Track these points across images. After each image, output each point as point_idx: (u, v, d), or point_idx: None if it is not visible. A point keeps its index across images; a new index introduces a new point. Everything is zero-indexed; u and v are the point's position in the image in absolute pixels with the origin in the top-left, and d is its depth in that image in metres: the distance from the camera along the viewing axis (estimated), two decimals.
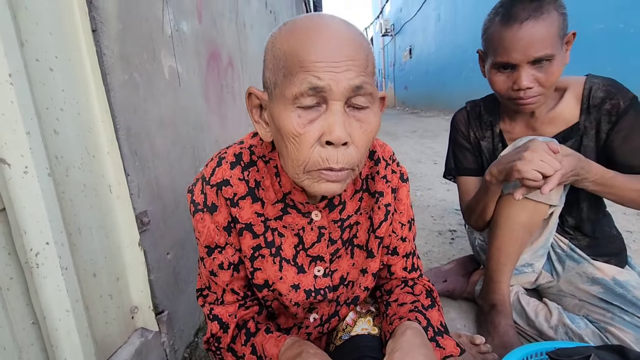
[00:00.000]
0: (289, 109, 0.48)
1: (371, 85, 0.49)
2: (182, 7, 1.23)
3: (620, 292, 0.91)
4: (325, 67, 0.45)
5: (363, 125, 0.50)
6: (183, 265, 1.11)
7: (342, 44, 0.46)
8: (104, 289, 0.77)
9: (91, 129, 0.75)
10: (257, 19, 2.77)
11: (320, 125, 0.48)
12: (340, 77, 0.45)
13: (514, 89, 0.89)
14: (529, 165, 0.77)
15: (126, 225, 0.83)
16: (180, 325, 1.06)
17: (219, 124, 1.60)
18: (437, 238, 1.78)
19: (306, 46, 0.46)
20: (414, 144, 5.05)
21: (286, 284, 0.64)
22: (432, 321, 0.64)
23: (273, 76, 0.50)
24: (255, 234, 0.62)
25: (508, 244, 0.96)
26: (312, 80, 0.45)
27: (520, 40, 0.83)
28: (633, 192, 0.87)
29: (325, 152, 0.48)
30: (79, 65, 0.73)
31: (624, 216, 1.82)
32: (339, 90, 0.46)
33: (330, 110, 0.47)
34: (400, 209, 0.71)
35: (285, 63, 0.47)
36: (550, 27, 0.82)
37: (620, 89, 0.90)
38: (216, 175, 0.60)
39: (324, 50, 0.45)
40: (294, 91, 0.46)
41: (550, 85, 0.87)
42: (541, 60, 0.84)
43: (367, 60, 0.49)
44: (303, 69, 0.46)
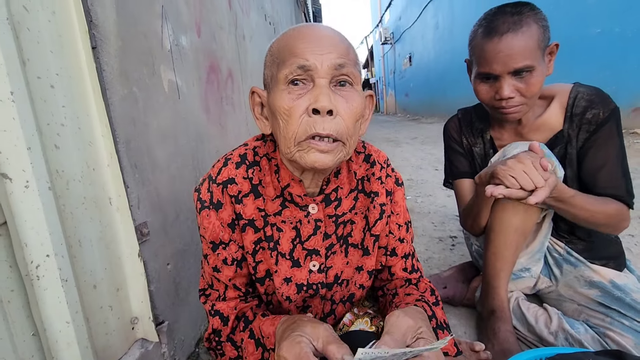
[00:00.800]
0: (281, 89, 0.55)
1: (352, 67, 0.56)
2: (181, 22, 1.26)
3: (619, 296, 0.90)
4: (311, 50, 0.54)
5: (348, 100, 0.56)
6: (183, 275, 1.12)
7: (326, 37, 0.56)
8: (104, 300, 0.78)
9: (91, 143, 0.77)
10: (257, 31, 2.82)
11: (307, 99, 0.55)
12: (324, 58, 0.54)
13: (496, 99, 0.91)
14: (507, 172, 0.77)
15: (126, 237, 0.84)
16: (181, 336, 1.06)
17: (219, 134, 1.62)
18: (437, 244, 1.78)
19: (296, 39, 0.56)
20: (415, 150, 5.06)
21: (279, 278, 0.67)
22: (437, 315, 0.67)
23: (270, 71, 0.59)
24: (257, 228, 0.66)
25: (503, 248, 0.96)
26: (300, 61, 0.53)
27: (500, 53, 0.85)
28: (586, 212, 0.88)
29: (312, 120, 0.54)
30: (80, 82, 0.75)
31: None
32: (323, 68, 0.54)
33: (317, 85, 0.54)
34: (396, 210, 0.74)
35: (279, 55, 0.57)
36: (529, 39, 0.84)
37: (602, 99, 0.91)
38: (222, 174, 0.65)
39: (310, 40, 0.55)
40: (285, 72, 0.54)
41: (532, 95, 0.89)
42: (521, 71, 0.86)
43: (348, 50, 0.57)
44: (292, 54, 0.54)
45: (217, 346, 0.67)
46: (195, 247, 1.22)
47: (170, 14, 1.18)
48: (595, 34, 4.62)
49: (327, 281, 0.70)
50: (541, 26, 0.87)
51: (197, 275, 1.20)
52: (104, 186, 0.80)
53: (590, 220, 0.90)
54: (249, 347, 0.62)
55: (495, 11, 0.90)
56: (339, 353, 0.46)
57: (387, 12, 18.83)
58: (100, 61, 0.79)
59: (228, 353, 0.65)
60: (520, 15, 0.85)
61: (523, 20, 0.85)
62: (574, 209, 0.87)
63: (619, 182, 0.92)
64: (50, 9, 0.69)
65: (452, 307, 1.24)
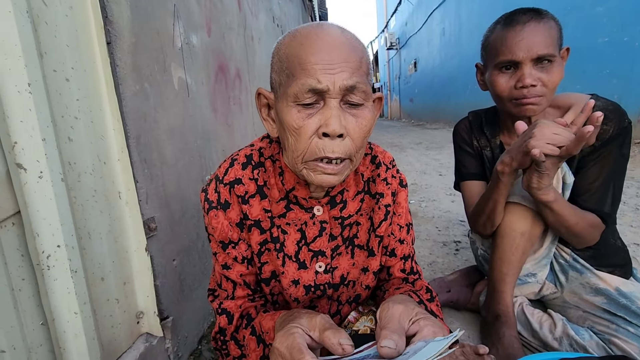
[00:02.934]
0: (290, 105, 0.53)
1: (364, 84, 0.53)
2: (192, 21, 1.28)
3: (624, 303, 0.90)
4: (322, 68, 0.50)
5: (358, 120, 0.54)
6: (188, 272, 1.12)
7: (337, 47, 0.52)
8: (111, 293, 0.79)
9: (103, 136, 0.78)
10: (265, 33, 2.84)
11: (318, 119, 0.53)
12: (336, 78, 0.51)
13: (517, 88, 0.91)
14: (542, 140, 0.77)
15: (134, 231, 0.85)
16: (185, 332, 1.06)
17: (226, 133, 1.63)
18: (441, 249, 1.78)
19: (305, 49, 0.52)
20: (420, 155, 5.06)
21: (287, 279, 0.67)
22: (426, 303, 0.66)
23: (278, 77, 0.56)
24: (263, 230, 0.66)
25: (509, 252, 0.96)
26: (312, 83, 0.50)
27: (523, 39, 0.87)
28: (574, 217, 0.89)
29: (322, 143, 0.53)
30: (94, 76, 0.76)
31: (630, 229, 1.80)
32: (334, 89, 0.51)
33: (327, 106, 0.52)
34: (398, 211, 0.74)
35: (288, 65, 0.53)
36: (551, 30, 0.87)
37: (617, 115, 0.91)
38: (229, 174, 0.65)
39: (321, 52, 0.51)
40: (295, 90, 0.52)
41: (553, 86, 0.89)
42: (543, 60, 0.87)
43: (361, 61, 0.54)
44: (304, 71, 0.51)
45: (222, 345, 0.67)
46: (200, 245, 1.23)
47: (182, 12, 1.19)
48: (604, 42, 4.62)
49: (333, 281, 0.70)
50: (558, 24, 0.90)
51: (201, 273, 1.21)
52: (114, 180, 0.81)
53: (571, 229, 0.91)
54: (250, 344, 0.62)
55: (513, 11, 0.92)
56: (335, 338, 0.45)
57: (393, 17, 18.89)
58: (114, 56, 0.80)
59: (232, 352, 0.65)
60: (539, 11, 0.89)
61: (543, 14, 0.88)
62: (565, 211, 0.88)
63: (605, 199, 0.93)
64: (68, 4, 0.70)
65: (455, 311, 1.23)
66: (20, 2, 0.58)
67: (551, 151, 0.76)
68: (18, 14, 0.57)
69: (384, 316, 0.50)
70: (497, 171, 0.91)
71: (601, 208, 0.93)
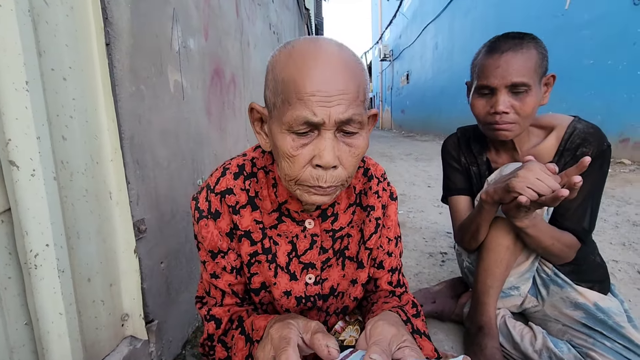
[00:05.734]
0: (285, 133, 0.52)
1: (360, 115, 0.52)
2: (190, 25, 1.29)
3: (602, 318, 0.93)
4: (319, 100, 0.49)
5: (352, 149, 0.54)
6: (176, 275, 1.11)
7: (335, 76, 0.49)
8: (97, 294, 0.78)
9: (97, 136, 0.78)
10: (261, 39, 2.86)
11: (311, 149, 0.52)
12: (332, 111, 0.49)
13: (490, 113, 0.95)
14: (523, 182, 0.79)
15: (123, 232, 0.84)
16: (169, 336, 1.05)
17: (219, 138, 1.64)
18: (428, 260, 1.80)
19: (302, 76, 0.49)
20: (409, 166, 5.12)
21: (279, 290, 0.68)
22: (412, 321, 0.67)
23: (272, 97, 0.54)
24: (253, 241, 0.66)
25: (494, 266, 0.99)
26: (307, 115, 0.49)
27: (499, 67, 0.91)
28: (550, 239, 0.92)
29: (315, 172, 0.53)
30: (91, 76, 0.76)
31: (610, 245, 1.86)
32: (330, 123, 0.50)
33: (322, 137, 0.51)
34: (388, 224, 0.75)
35: (283, 89, 0.51)
36: (527, 60, 0.90)
37: (597, 138, 0.94)
38: (220, 184, 0.65)
39: (318, 82, 0.49)
40: (289, 120, 0.50)
41: (525, 115, 0.92)
42: (517, 88, 0.91)
43: (359, 89, 0.52)
44: (299, 101, 0.49)
45: (210, 351, 0.67)
46: (188, 248, 1.22)
47: (181, 16, 1.20)
48: (589, 65, 4.79)
49: (323, 292, 0.71)
50: (540, 53, 0.92)
51: (188, 276, 1.20)
52: (106, 180, 0.81)
53: (549, 249, 0.94)
54: (239, 342, 0.62)
55: (499, 36, 0.96)
56: (324, 340, 0.47)
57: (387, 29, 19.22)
58: (112, 57, 0.81)
59: (218, 354, 0.65)
60: (521, 39, 0.92)
61: (524, 43, 0.91)
62: (542, 234, 0.91)
63: (583, 219, 0.97)
64: (68, 4, 0.70)
65: (440, 322, 1.25)
66: (22, 1, 0.58)
67: (530, 196, 0.78)
68: (20, 13, 0.57)
69: (376, 333, 0.52)
70: (482, 199, 0.95)
71: (579, 227, 0.97)
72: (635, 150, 4.09)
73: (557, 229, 0.96)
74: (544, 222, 0.94)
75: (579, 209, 0.96)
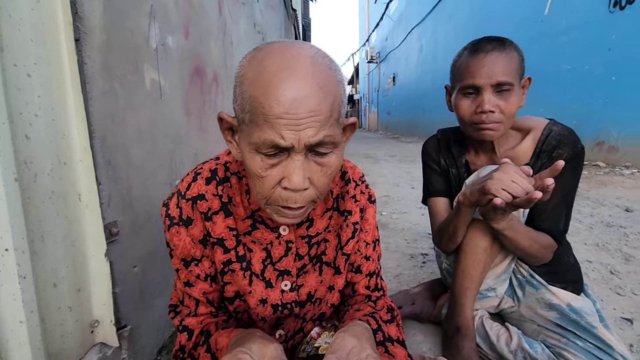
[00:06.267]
0: (253, 152, 0.49)
1: (333, 136, 0.49)
2: (169, 22, 1.26)
3: (575, 318, 0.95)
4: (287, 124, 0.45)
5: (324, 168, 0.52)
6: (151, 279, 1.08)
7: (305, 97, 0.45)
8: (63, 300, 0.75)
9: (65, 136, 0.75)
10: (245, 38, 2.83)
11: (280, 171, 0.50)
12: (302, 135, 0.46)
13: (476, 113, 0.96)
14: (498, 185, 0.80)
15: (93, 235, 0.81)
16: (143, 342, 1.02)
17: (199, 137, 1.60)
18: (409, 261, 1.81)
19: (269, 97, 0.45)
20: (393, 168, 5.16)
21: (254, 298, 0.66)
22: (385, 329, 0.66)
23: (240, 112, 0.50)
24: (227, 249, 0.64)
25: (471, 267, 1.00)
26: (275, 139, 0.46)
27: (484, 66, 0.92)
28: (527, 240, 0.94)
29: (285, 194, 0.51)
30: (59, 73, 0.73)
31: (584, 246, 1.91)
32: (299, 146, 0.47)
33: (291, 159, 0.48)
34: (366, 228, 0.74)
35: (251, 108, 0.47)
36: (511, 60, 0.92)
37: (571, 140, 0.97)
38: (192, 189, 0.62)
39: (286, 104, 0.44)
40: (256, 141, 0.47)
41: (509, 114, 0.94)
42: (502, 87, 0.92)
43: (332, 107, 0.48)
44: (266, 123, 0.46)
45: None
46: (165, 251, 1.18)
47: (159, 13, 1.17)
48: (566, 70, 4.94)
49: (300, 299, 0.69)
50: (520, 55, 0.95)
51: (163, 280, 1.17)
52: (75, 181, 0.78)
53: (527, 250, 0.95)
54: None
55: (480, 39, 0.97)
56: None
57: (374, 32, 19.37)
58: (82, 54, 0.78)
59: None
60: (503, 42, 0.94)
61: (506, 45, 0.93)
62: (519, 236, 0.93)
63: (560, 220, 0.99)
64: None
65: (419, 323, 1.26)
66: None
67: (505, 198, 0.78)
68: None
69: (336, 345, 0.52)
70: (458, 201, 0.96)
71: (556, 228, 0.99)
72: (609, 153, 4.24)
73: (534, 230, 0.97)
74: (520, 223, 0.95)
75: (555, 210, 0.98)
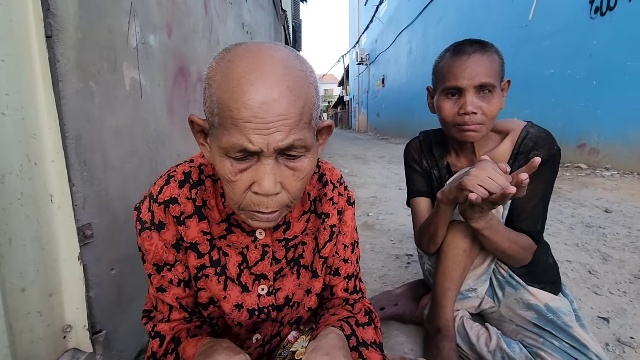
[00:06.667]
0: (223, 157, 0.49)
1: (304, 140, 0.48)
2: (151, 21, 1.24)
3: (551, 318, 0.97)
4: (256, 128, 0.44)
5: (296, 173, 0.51)
6: (129, 282, 1.06)
7: (273, 101, 0.44)
8: (33, 305, 0.73)
9: (36, 135, 0.73)
10: (233, 38, 2.81)
11: (250, 175, 0.49)
12: (270, 139, 0.45)
13: (459, 114, 0.96)
14: (474, 180, 0.81)
15: (66, 238, 0.79)
16: (120, 346, 1.00)
17: (182, 137, 1.58)
18: (394, 262, 1.82)
19: (236, 100, 0.44)
20: (382, 169, 5.19)
21: (229, 304, 0.65)
22: (359, 333, 0.66)
23: (210, 115, 0.49)
24: (200, 254, 0.63)
25: (452, 268, 1.00)
26: (243, 143, 0.45)
27: (467, 68, 0.93)
28: (507, 241, 0.95)
29: (256, 198, 0.50)
30: (29, 70, 0.71)
31: (565, 246, 1.95)
32: (269, 150, 0.46)
33: (261, 163, 0.48)
34: (344, 230, 0.73)
35: (219, 111, 0.46)
36: (492, 62, 0.94)
37: (547, 142, 0.99)
38: (164, 193, 0.60)
39: (254, 107, 0.44)
40: (225, 146, 0.46)
41: (491, 115, 0.95)
42: (484, 88, 0.93)
43: (303, 111, 0.47)
44: (234, 127, 0.45)
45: None
46: None
47: (140, 11, 1.15)
48: (550, 74, 5.05)
49: (277, 303, 0.68)
50: (500, 58, 0.97)
51: (143, 282, 1.14)
52: (46, 182, 0.76)
53: (506, 251, 0.97)
54: None
55: (461, 41, 0.98)
56: None
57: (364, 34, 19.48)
58: (55, 51, 0.76)
59: None
60: (484, 44, 0.96)
61: (487, 47, 0.95)
62: (498, 236, 0.94)
63: (536, 221, 1.01)
64: None
65: (402, 324, 1.26)
66: None
67: (481, 193, 0.79)
68: None
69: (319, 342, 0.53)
70: (438, 199, 0.96)
71: (534, 228, 1.01)
72: (590, 155, 4.34)
73: (513, 231, 0.99)
74: (500, 224, 0.96)
75: (534, 210, 1.00)
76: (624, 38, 3.93)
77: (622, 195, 2.96)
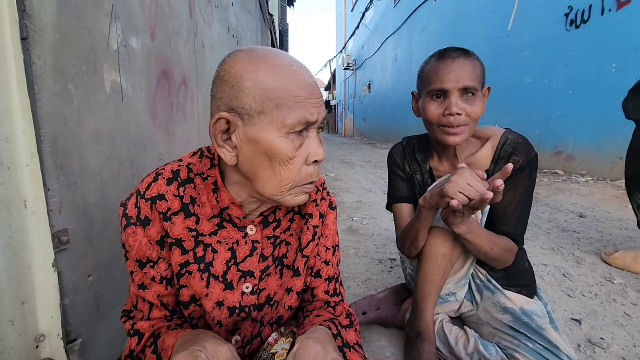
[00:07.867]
0: (283, 135, 0.55)
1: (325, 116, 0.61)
2: (133, 23, 1.22)
3: (526, 321, 1.00)
4: (314, 103, 0.56)
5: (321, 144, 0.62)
6: (107, 288, 1.04)
7: (314, 84, 0.58)
8: (4, 314, 0.70)
9: (9, 139, 0.71)
10: (218, 42, 2.80)
11: (306, 149, 0.58)
12: (319, 110, 0.58)
13: (444, 115, 1.00)
14: (455, 187, 0.83)
15: (40, 244, 0.77)
16: (97, 355, 0.98)
17: (166, 141, 1.56)
18: (377, 266, 1.84)
19: (296, 83, 0.55)
20: (367, 173, 5.24)
21: (211, 301, 0.65)
22: (343, 334, 0.68)
23: (257, 105, 0.54)
24: (185, 250, 0.63)
25: (432, 273, 1.02)
26: (307, 116, 0.56)
27: (452, 71, 0.97)
28: (488, 244, 0.98)
29: (311, 169, 0.59)
30: (2, 73, 0.69)
31: (542, 250, 2.01)
32: (318, 121, 0.58)
33: (312, 136, 0.59)
34: (326, 233, 0.76)
35: (279, 96, 0.54)
36: (475, 67, 0.98)
37: (525, 148, 1.03)
38: (151, 189, 0.62)
39: (308, 87, 0.56)
40: (291, 121, 0.54)
41: (474, 117, 0.99)
42: (468, 91, 0.97)
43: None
44: (298, 104, 0.55)
45: None
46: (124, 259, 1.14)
47: (121, 13, 1.14)
48: (529, 82, 5.21)
49: (259, 302, 0.70)
50: (481, 64, 1.01)
51: (122, 289, 1.12)
52: (20, 187, 0.74)
53: (489, 253, 0.99)
54: None
55: (445, 48, 1.02)
56: None
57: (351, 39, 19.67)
58: (30, 53, 0.74)
59: None
60: (467, 51, 1.00)
61: (470, 54, 0.99)
62: (480, 239, 0.96)
63: (517, 223, 1.04)
64: None
65: (384, 328, 1.27)
66: None
67: (461, 200, 0.82)
68: None
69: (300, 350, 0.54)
70: (419, 204, 0.99)
71: (515, 230, 1.04)
72: (567, 162, 4.50)
73: (494, 233, 1.01)
74: (481, 228, 0.99)
75: (514, 212, 1.03)
76: (597, 50, 4.10)
77: (596, 201, 3.08)
